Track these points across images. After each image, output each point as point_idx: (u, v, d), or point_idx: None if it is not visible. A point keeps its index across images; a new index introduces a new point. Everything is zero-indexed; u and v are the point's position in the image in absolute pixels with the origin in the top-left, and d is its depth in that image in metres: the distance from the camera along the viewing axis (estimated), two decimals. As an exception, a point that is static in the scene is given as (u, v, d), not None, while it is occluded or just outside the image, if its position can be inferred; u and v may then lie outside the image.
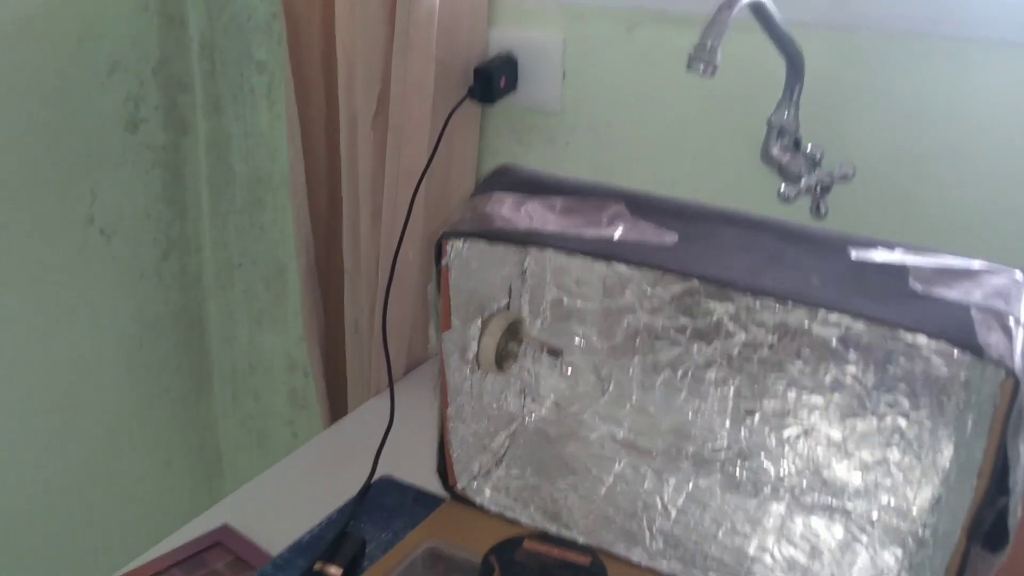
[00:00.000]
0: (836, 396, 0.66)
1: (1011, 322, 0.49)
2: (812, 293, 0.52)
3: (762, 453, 0.70)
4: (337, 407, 1.40)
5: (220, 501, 0.98)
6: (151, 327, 1.51)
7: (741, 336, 0.67)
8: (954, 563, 0.53)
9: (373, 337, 1.25)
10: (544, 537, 0.60)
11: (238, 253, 1.53)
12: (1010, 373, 0.47)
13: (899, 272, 0.57)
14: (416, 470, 0.80)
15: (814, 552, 0.65)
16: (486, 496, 0.70)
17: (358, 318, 1.25)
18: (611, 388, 0.73)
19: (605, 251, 0.57)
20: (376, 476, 0.79)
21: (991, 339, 0.48)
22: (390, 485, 0.79)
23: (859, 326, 0.62)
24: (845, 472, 0.67)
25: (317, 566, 0.65)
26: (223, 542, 0.89)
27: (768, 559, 0.65)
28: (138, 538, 0.89)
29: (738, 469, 0.70)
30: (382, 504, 0.76)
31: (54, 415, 1.38)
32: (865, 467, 0.66)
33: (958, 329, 0.48)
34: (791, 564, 0.64)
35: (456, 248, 0.63)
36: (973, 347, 0.47)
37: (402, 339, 1.23)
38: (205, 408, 1.66)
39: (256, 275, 1.53)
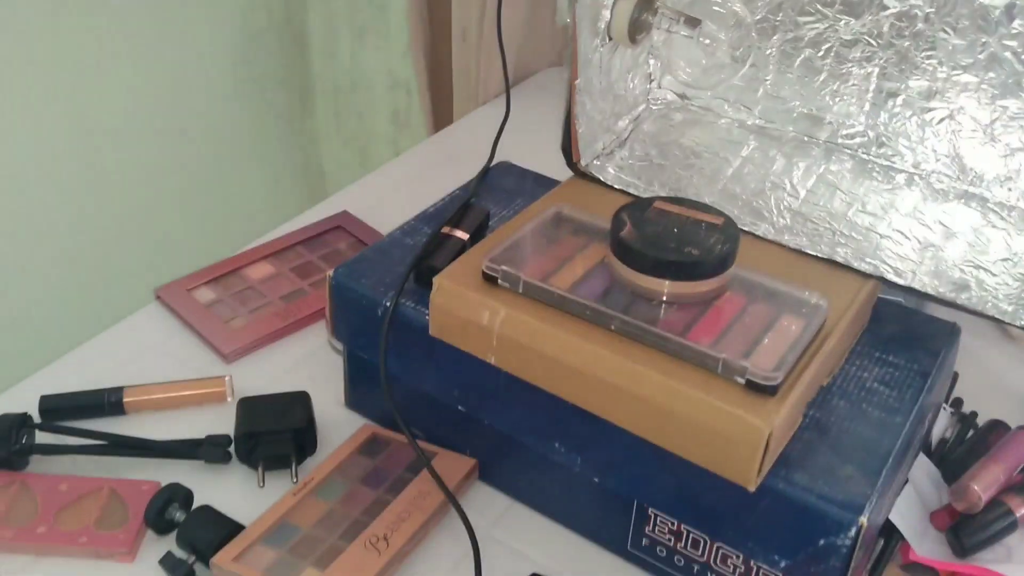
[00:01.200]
0: (991, 74, 0.62)
1: None
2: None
3: (900, 138, 0.67)
4: (441, 123, 1.40)
5: (340, 190, 1.01)
6: (254, 38, 1.50)
7: (895, 7, 0.63)
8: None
9: (482, 46, 1.23)
10: (676, 200, 0.60)
11: (340, -39, 1.48)
12: None
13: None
14: (534, 161, 0.80)
15: (947, 233, 0.64)
16: (610, 174, 0.70)
17: (466, 26, 1.22)
18: (746, 69, 0.70)
19: None
20: (494, 163, 0.80)
21: None
22: (510, 169, 0.80)
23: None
24: (988, 157, 0.64)
25: (444, 230, 0.67)
26: (344, 225, 0.93)
27: (899, 237, 0.64)
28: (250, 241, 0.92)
29: (873, 155, 0.68)
30: (502, 185, 0.77)
31: (163, 123, 1.41)
32: (1010, 152, 0.64)
33: None
34: (922, 242, 0.64)
35: None
36: None
37: (513, 46, 1.20)
38: (309, 126, 1.68)
39: (359, -14, 1.49)
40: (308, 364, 0.77)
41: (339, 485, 0.65)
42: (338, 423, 0.71)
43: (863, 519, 0.50)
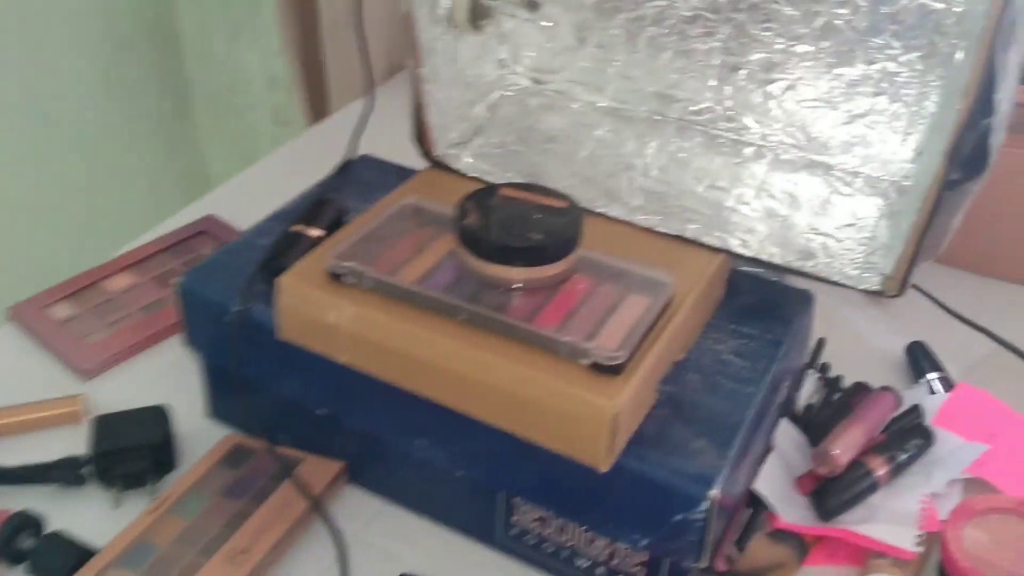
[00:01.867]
0: (826, 43, 0.63)
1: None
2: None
3: (747, 112, 0.68)
4: (320, 119, 1.37)
5: (204, 196, 0.98)
6: (124, 43, 1.45)
7: (729, -20, 0.63)
8: (932, 193, 0.52)
9: (352, 39, 1.20)
10: (521, 186, 0.59)
11: (207, -41, 1.44)
12: (1008, -27, 0.44)
13: None
14: (399, 153, 0.78)
15: (793, 203, 0.65)
16: (465, 162, 0.69)
17: (335, 19, 1.20)
18: (594, 50, 0.70)
19: None
20: (357, 156, 0.78)
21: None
22: (371, 162, 0.78)
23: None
24: (831, 126, 0.66)
25: (297, 228, 0.65)
26: (208, 230, 0.90)
27: (747, 210, 0.64)
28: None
29: (722, 130, 0.69)
30: (362, 179, 0.75)
31: (33, 131, 1.36)
32: (851, 119, 0.65)
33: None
34: (770, 213, 0.64)
35: None
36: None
37: (382, 38, 1.18)
38: (189, 129, 1.63)
39: (228, -16, 1.45)
40: (170, 375, 0.75)
41: (199, 499, 0.63)
42: (202, 434, 0.69)
43: (714, 492, 0.50)
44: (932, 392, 0.74)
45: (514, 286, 0.55)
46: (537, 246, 0.54)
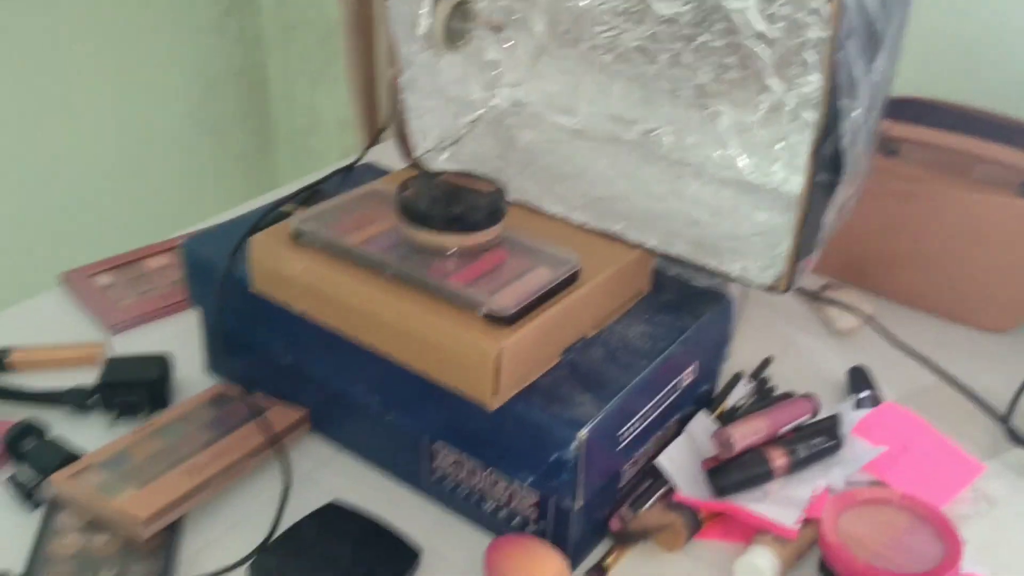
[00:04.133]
0: (750, 71, 0.71)
1: (855, -47, 0.53)
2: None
3: (689, 134, 0.76)
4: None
5: (247, 201, 1.11)
6: (215, 82, 1.63)
7: (664, 13, 0.72)
8: (805, 191, 0.59)
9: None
10: (460, 173, 0.69)
11: (295, 13, 1.62)
12: (837, -8, 0.52)
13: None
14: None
15: (715, 212, 0.72)
16: (439, 164, 0.79)
17: (388, 68, 1.34)
18: (562, 76, 0.80)
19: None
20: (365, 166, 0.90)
21: (829, -35, 0.52)
22: (370, 168, 0.89)
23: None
24: (759, 147, 0.73)
25: (286, 208, 0.76)
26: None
27: (673, 216, 0.72)
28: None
29: (665, 148, 0.77)
30: (359, 180, 0.86)
31: (126, 166, 1.53)
32: (776, 139, 0.72)
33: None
34: (693, 220, 0.72)
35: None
36: (807, -31, 0.52)
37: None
38: (270, 166, 1.79)
39: (311, 35, 1.62)
40: (183, 336, 0.86)
41: (181, 428, 0.73)
42: (199, 384, 0.80)
43: (582, 433, 0.58)
44: (859, 407, 0.79)
45: (438, 251, 0.65)
46: (459, 216, 0.64)
